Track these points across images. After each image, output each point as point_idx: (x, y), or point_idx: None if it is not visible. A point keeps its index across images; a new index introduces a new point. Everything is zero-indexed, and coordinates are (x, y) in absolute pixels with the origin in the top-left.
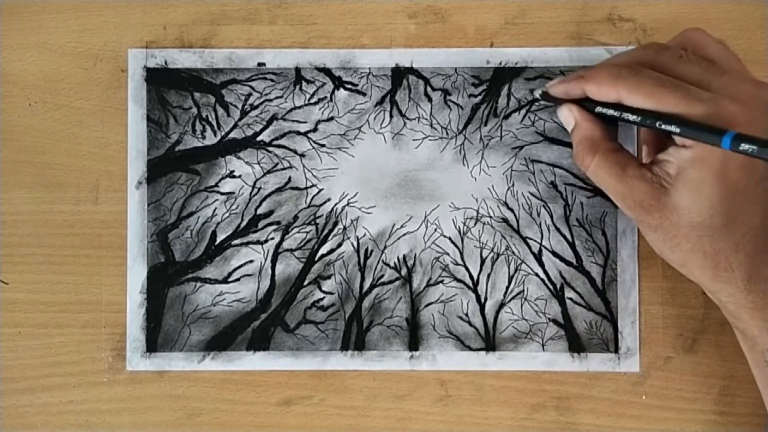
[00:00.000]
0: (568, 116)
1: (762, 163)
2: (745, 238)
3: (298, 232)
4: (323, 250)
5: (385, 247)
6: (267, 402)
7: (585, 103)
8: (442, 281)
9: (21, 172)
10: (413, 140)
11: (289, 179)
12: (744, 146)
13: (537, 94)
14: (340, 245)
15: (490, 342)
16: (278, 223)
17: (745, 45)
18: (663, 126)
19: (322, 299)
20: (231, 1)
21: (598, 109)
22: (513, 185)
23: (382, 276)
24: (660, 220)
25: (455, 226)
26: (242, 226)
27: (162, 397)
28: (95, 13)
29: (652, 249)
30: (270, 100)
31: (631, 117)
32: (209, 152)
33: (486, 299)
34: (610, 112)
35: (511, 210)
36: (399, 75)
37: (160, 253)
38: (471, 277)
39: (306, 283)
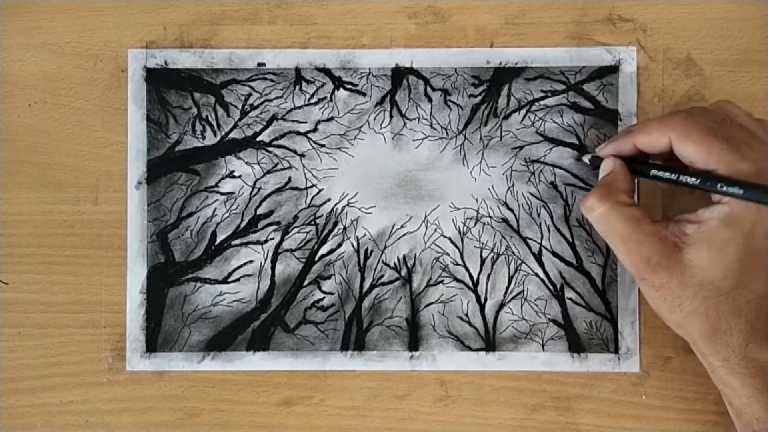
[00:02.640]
0: (609, 165)
1: None
2: (749, 305)
3: (298, 232)
4: (323, 250)
5: (385, 248)
6: (267, 402)
7: (637, 166)
8: (442, 281)
9: (21, 172)
10: (413, 140)
11: (289, 179)
12: None
13: (586, 160)
14: (340, 245)
15: (490, 342)
16: (278, 223)
17: (745, 45)
18: (725, 189)
19: (322, 299)
20: (231, 1)
21: (654, 172)
22: (513, 185)
23: (382, 276)
24: (666, 279)
25: (455, 227)
26: (242, 226)
27: (162, 398)
28: (95, 13)
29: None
30: (270, 100)
31: (690, 180)
32: (209, 152)
33: (486, 299)
34: (667, 175)
35: (511, 210)
36: (399, 75)
37: (160, 253)
38: (471, 277)
39: (306, 283)
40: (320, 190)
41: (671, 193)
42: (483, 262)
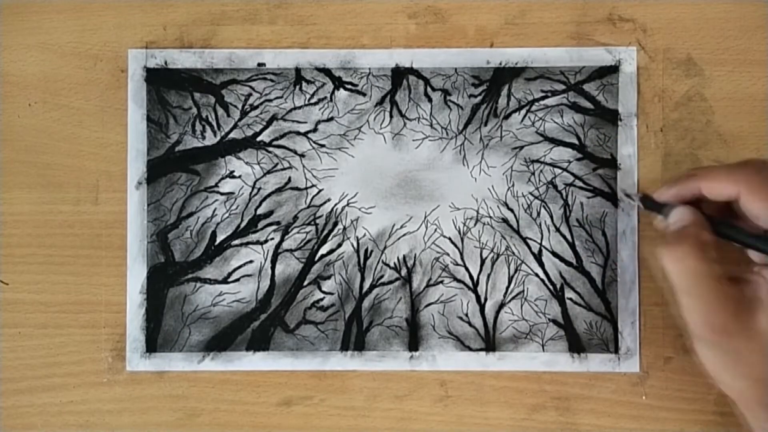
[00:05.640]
0: (687, 215)
1: None
2: None
3: (298, 233)
4: (323, 250)
5: (385, 248)
6: (267, 402)
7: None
8: (442, 281)
9: (21, 172)
10: (413, 140)
11: (289, 179)
12: None
13: (636, 200)
14: (340, 245)
15: (490, 342)
16: (278, 223)
17: (745, 45)
18: None
19: (322, 299)
20: (231, 1)
21: (725, 231)
22: (513, 185)
23: (382, 276)
24: (739, 344)
25: (455, 227)
26: (242, 226)
27: (162, 398)
28: (95, 13)
29: (652, 249)
30: (270, 101)
31: (751, 241)
32: (209, 152)
33: (486, 299)
34: (741, 237)
35: (511, 210)
36: (399, 75)
37: (160, 253)
38: (471, 277)
39: (306, 283)
40: (320, 190)
41: None
42: (483, 262)
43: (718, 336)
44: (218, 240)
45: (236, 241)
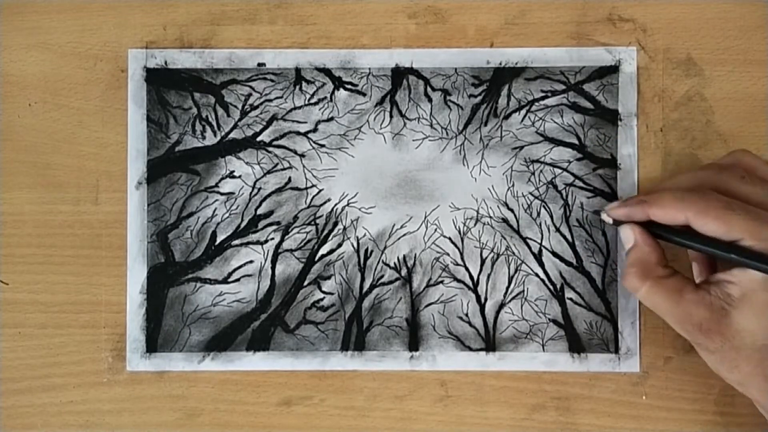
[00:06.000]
0: (629, 236)
1: None
2: None
3: (298, 233)
4: (323, 250)
5: (385, 248)
6: (267, 402)
7: (660, 231)
8: (442, 281)
9: (21, 172)
10: (413, 140)
11: (289, 179)
12: None
13: (607, 220)
14: (340, 245)
15: (490, 342)
16: (278, 223)
17: (745, 45)
18: (756, 264)
19: (322, 299)
20: (231, 1)
21: (678, 238)
22: (513, 185)
23: (382, 276)
24: (720, 344)
25: (455, 227)
26: (242, 226)
27: (162, 398)
28: (95, 13)
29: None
30: (270, 101)
31: (702, 247)
32: (209, 152)
33: (486, 299)
34: (694, 242)
35: (511, 210)
36: (399, 75)
37: (160, 253)
38: (471, 277)
39: (306, 283)
40: (320, 190)
41: None
42: (483, 262)
43: (701, 338)
44: (218, 240)
45: (236, 241)
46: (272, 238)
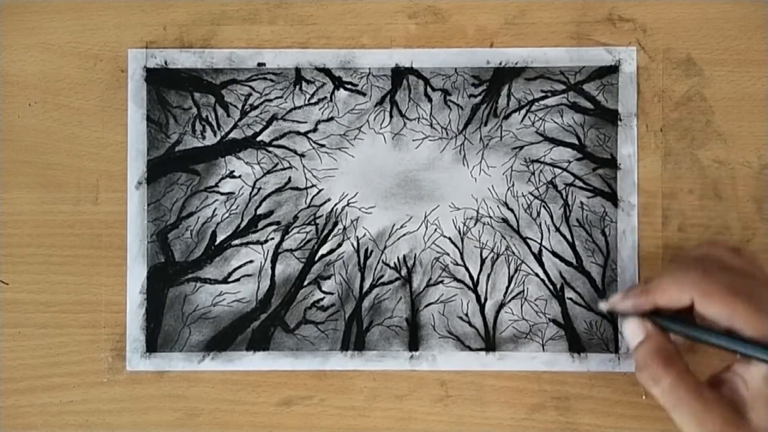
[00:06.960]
0: (639, 329)
1: None
2: None
3: (298, 233)
4: (323, 250)
5: (385, 248)
6: (267, 402)
7: (662, 321)
8: (442, 281)
9: (21, 172)
10: (413, 140)
11: (289, 179)
12: None
13: (604, 309)
14: (340, 245)
15: (490, 342)
16: (278, 223)
17: (745, 45)
18: (760, 356)
19: (322, 299)
20: (231, 1)
21: (681, 329)
22: (513, 185)
23: (382, 276)
24: None
25: (455, 227)
26: (242, 226)
27: (162, 398)
28: (95, 13)
29: (652, 249)
30: (270, 100)
31: (721, 343)
32: (209, 152)
33: (486, 299)
34: (696, 334)
35: (511, 210)
36: (399, 75)
37: (160, 253)
38: (471, 277)
39: (306, 283)
40: (320, 190)
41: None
42: (483, 262)
43: None
44: (218, 240)
45: (236, 241)
46: (272, 238)
